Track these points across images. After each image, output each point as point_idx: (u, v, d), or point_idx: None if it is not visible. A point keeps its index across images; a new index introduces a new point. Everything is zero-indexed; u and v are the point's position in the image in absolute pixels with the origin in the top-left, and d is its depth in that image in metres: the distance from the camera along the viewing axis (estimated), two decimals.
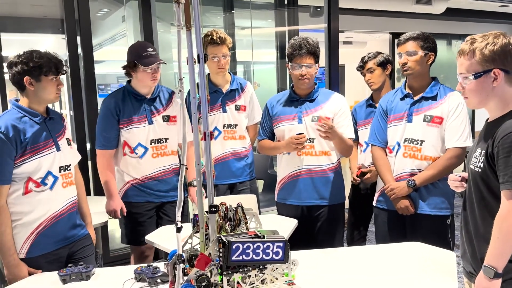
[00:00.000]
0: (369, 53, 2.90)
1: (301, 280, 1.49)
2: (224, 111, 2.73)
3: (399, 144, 2.33)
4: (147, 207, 2.52)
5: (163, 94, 2.55)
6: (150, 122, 2.47)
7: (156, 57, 2.40)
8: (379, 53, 2.88)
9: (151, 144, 2.47)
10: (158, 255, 2.89)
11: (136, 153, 2.46)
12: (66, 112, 6.23)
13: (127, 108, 2.45)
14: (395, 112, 2.36)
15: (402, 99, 2.36)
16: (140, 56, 2.37)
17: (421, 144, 2.26)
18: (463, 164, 2.30)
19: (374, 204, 2.50)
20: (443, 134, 2.24)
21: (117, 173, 2.56)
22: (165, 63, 2.47)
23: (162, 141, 2.50)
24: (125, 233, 2.59)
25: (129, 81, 2.52)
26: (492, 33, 1.45)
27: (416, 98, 2.31)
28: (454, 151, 2.22)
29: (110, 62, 5.47)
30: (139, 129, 2.45)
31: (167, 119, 2.52)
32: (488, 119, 1.54)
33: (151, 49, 2.40)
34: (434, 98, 2.28)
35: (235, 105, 2.77)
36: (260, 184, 3.78)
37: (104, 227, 3.24)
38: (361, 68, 2.90)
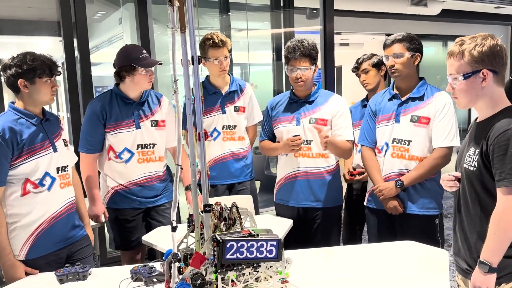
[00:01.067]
0: (364, 55, 2.93)
1: (295, 279, 1.51)
2: (224, 112, 2.75)
3: (387, 144, 2.35)
4: (132, 214, 2.49)
5: (151, 98, 2.52)
6: (138, 127, 2.43)
7: (152, 59, 2.40)
8: (373, 54, 2.92)
9: (137, 149, 2.44)
10: (155, 255, 2.90)
11: (122, 158, 2.42)
12: (63, 115, 6.24)
13: (114, 112, 2.41)
14: (383, 113, 2.39)
15: (390, 99, 2.39)
16: (138, 58, 2.34)
17: (408, 144, 2.29)
18: (452, 163, 2.32)
19: (365, 204, 2.53)
20: (430, 134, 2.26)
21: (101, 178, 2.52)
22: (161, 64, 2.45)
23: (149, 147, 2.47)
24: (113, 238, 2.56)
25: (117, 84, 2.48)
26: (481, 35, 1.47)
27: (403, 98, 2.33)
28: (441, 151, 2.24)
29: (107, 64, 5.49)
30: (126, 133, 2.41)
31: (155, 124, 2.48)
32: (477, 119, 1.57)
33: (145, 51, 2.39)
34: (421, 98, 2.30)
35: (234, 106, 2.78)
36: (257, 185, 3.80)
37: (101, 229, 3.25)
38: (356, 69, 2.93)
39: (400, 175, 2.30)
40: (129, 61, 2.36)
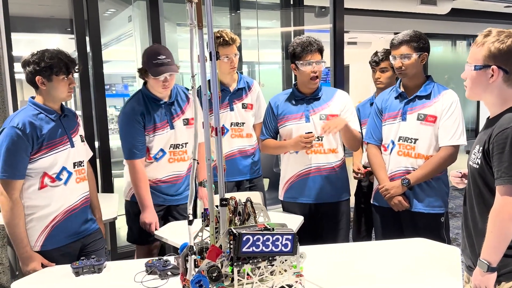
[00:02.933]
0: (385, 50, 2.83)
1: (307, 274, 1.52)
2: (232, 109, 2.77)
3: (393, 142, 2.36)
4: (156, 209, 2.49)
5: (180, 96, 2.52)
6: (172, 127, 2.44)
7: (168, 66, 2.32)
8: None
9: (169, 148, 2.46)
10: (165, 251, 2.93)
11: (155, 157, 2.45)
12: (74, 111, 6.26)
13: (152, 115, 2.41)
14: (390, 111, 2.39)
15: (396, 97, 2.39)
16: (151, 63, 2.32)
17: (415, 143, 2.30)
18: (459, 161, 2.33)
19: (371, 202, 2.54)
20: (437, 133, 2.27)
21: (126, 173, 2.53)
22: (177, 72, 2.38)
23: (181, 146, 2.48)
24: (132, 233, 2.60)
25: (145, 83, 2.48)
26: (508, 31, 1.46)
27: (410, 97, 2.34)
28: (447, 149, 2.25)
29: (115, 62, 5.52)
30: (162, 135, 2.43)
31: (186, 122, 2.50)
32: (489, 116, 1.58)
33: (164, 56, 2.31)
34: (428, 97, 2.30)
35: (242, 104, 2.80)
36: (265, 182, 3.81)
37: (112, 224, 3.29)
38: (376, 64, 2.84)
39: (406, 173, 2.31)
40: (143, 64, 2.38)
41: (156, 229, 2.38)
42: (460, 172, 1.69)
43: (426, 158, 2.28)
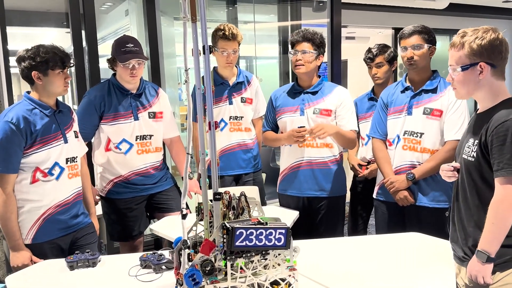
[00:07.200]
0: (378, 45, 2.84)
1: (301, 268, 1.53)
2: (231, 103, 2.77)
3: (398, 137, 2.36)
4: (136, 201, 2.52)
5: (148, 91, 2.55)
6: (136, 118, 2.45)
7: (135, 53, 2.36)
8: (386, 46, 2.86)
9: (136, 140, 2.46)
10: (161, 245, 2.93)
11: (120, 149, 2.44)
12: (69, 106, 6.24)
13: (113, 103, 2.42)
14: (395, 105, 2.39)
15: (402, 92, 2.39)
16: (119, 51, 2.36)
17: (420, 137, 2.29)
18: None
19: (374, 196, 2.54)
20: (443, 127, 2.27)
21: (99, 169, 2.54)
22: (147, 59, 2.44)
23: (146, 138, 2.49)
24: (115, 231, 2.59)
25: (114, 74, 2.51)
26: (483, 28, 1.49)
27: (416, 91, 2.34)
28: (453, 143, 2.24)
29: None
30: (125, 125, 2.43)
31: (153, 115, 2.51)
32: (477, 110, 1.58)
33: (132, 45, 2.37)
34: (434, 91, 2.30)
35: (241, 98, 2.80)
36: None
37: None
38: (371, 60, 2.84)
39: (412, 168, 2.31)
40: (112, 53, 2.41)
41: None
42: (452, 166, 1.69)
43: (432, 153, 2.28)
